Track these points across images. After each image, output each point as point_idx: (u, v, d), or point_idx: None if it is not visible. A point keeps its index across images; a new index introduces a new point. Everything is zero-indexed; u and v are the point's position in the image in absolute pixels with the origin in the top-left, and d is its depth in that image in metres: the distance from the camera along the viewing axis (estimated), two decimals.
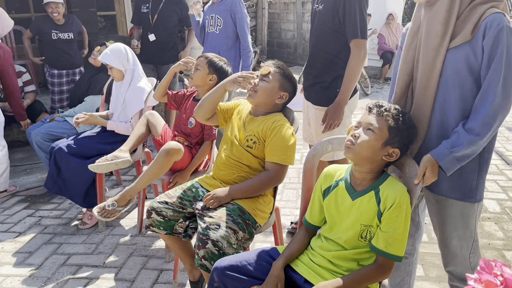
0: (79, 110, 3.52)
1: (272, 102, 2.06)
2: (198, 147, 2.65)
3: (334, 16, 2.40)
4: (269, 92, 2.03)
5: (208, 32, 3.83)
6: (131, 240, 2.88)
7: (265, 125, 2.01)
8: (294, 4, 10.62)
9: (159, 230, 2.06)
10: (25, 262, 2.65)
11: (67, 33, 4.71)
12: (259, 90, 2.03)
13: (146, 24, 4.48)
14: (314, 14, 2.57)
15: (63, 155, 2.84)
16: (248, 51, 3.78)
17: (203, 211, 1.95)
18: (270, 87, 2.03)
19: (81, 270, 2.55)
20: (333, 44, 2.46)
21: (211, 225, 1.81)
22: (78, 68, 4.90)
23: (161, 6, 4.40)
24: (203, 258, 1.76)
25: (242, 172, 2.06)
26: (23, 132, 4.88)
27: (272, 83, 2.03)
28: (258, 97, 2.04)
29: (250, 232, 1.95)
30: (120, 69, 2.93)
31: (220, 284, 1.61)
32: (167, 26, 4.47)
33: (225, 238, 1.79)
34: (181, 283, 2.37)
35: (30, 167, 4.25)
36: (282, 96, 2.06)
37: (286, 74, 2.07)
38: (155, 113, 2.70)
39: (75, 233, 2.99)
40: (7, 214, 3.29)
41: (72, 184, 2.88)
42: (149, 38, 4.44)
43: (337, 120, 2.46)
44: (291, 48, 10.63)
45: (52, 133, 3.42)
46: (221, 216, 1.87)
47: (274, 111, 2.09)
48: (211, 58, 2.62)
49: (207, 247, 1.75)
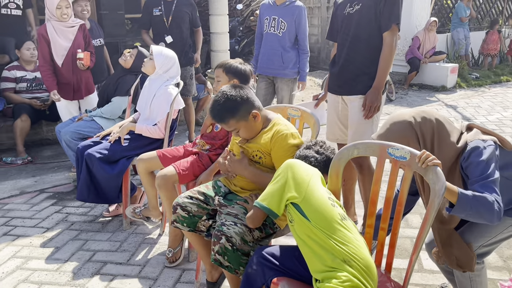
0: (106, 111, 3.59)
1: (256, 126, 2.04)
2: (219, 151, 2.69)
3: (376, 10, 2.62)
4: (246, 129, 2.02)
5: (268, 33, 3.93)
6: (154, 239, 2.93)
7: (267, 138, 2.01)
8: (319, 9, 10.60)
9: (182, 227, 2.10)
10: (52, 257, 2.72)
11: (97, 39, 4.64)
12: (242, 135, 2.04)
13: (161, 27, 4.55)
14: (347, 17, 2.73)
15: (94, 161, 2.89)
16: (307, 55, 4.01)
17: (221, 207, 2.00)
18: (243, 128, 2.00)
19: (106, 267, 2.61)
20: (374, 38, 2.67)
21: (227, 221, 1.86)
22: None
23: (173, 8, 4.49)
24: (217, 253, 1.81)
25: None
26: (51, 130, 5.03)
27: (239, 125, 1.99)
28: (248, 137, 2.06)
29: (267, 232, 1.98)
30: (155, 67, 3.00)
31: (257, 268, 1.68)
32: (182, 27, 4.57)
33: (239, 235, 1.82)
34: (203, 283, 2.39)
35: (58, 165, 4.36)
36: (254, 115, 1.99)
37: (231, 109, 1.95)
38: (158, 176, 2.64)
39: (100, 230, 3.06)
40: (35, 210, 3.39)
41: (106, 188, 2.95)
42: (166, 40, 4.51)
43: (377, 103, 2.67)
44: (315, 53, 10.59)
45: (80, 132, 3.51)
46: (237, 214, 1.92)
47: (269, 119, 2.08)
48: (225, 64, 2.62)
49: (221, 243, 1.80)
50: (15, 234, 3.00)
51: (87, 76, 4.07)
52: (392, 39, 2.64)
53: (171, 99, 2.99)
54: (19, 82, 4.66)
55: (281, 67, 3.96)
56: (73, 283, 2.46)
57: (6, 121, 4.78)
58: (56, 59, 3.81)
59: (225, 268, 1.83)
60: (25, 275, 2.53)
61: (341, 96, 2.85)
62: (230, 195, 2.13)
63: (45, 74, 3.87)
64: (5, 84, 4.63)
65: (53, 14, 3.72)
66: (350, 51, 2.76)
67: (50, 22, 3.76)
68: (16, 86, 4.65)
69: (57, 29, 3.77)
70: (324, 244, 1.51)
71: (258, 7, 7.27)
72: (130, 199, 3.10)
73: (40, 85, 4.71)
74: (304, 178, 1.64)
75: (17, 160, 4.40)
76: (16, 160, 4.39)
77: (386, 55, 2.65)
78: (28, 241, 2.92)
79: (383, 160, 1.76)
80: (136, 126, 3.00)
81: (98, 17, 5.94)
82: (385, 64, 2.66)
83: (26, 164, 4.38)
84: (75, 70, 3.90)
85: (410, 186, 1.70)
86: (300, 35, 3.96)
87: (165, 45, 4.41)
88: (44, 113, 4.67)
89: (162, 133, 3.02)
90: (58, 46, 3.80)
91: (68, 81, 3.89)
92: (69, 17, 3.79)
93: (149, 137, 3.02)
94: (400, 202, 1.72)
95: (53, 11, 3.70)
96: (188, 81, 4.64)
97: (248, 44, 7.50)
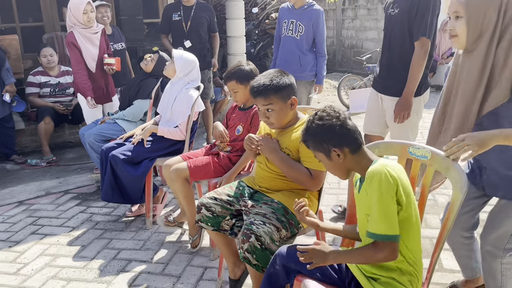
0: (128, 113, 3.69)
1: (289, 115, 2.09)
2: (240, 152, 2.75)
3: (409, 17, 2.69)
4: (281, 114, 2.05)
5: (286, 36, 4.00)
6: (176, 238, 3.00)
7: (296, 136, 2.05)
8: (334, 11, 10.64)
9: (206, 226, 2.16)
10: (79, 255, 2.81)
11: (119, 43, 4.75)
12: (272, 119, 2.06)
13: (180, 31, 4.66)
14: (389, 18, 2.85)
15: (118, 162, 2.99)
16: (324, 58, 4.07)
17: (250, 208, 2.04)
18: (278, 110, 2.04)
19: (130, 265, 2.69)
20: (406, 44, 2.75)
21: (256, 221, 1.91)
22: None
23: (192, 13, 4.60)
24: (246, 251, 1.85)
25: (281, 182, 2.14)
26: (73, 134, 5.17)
27: (276, 106, 2.03)
28: (276, 124, 2.09)
29: (292, 231, 2.02)
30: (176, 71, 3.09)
31: (280, 268, 1.70)
32: (200, 32, 4.68)
33: (268, 234, 1.87)
34: (225, 281, 2.45)
35: (80, 167, 4.48)
36: (291, 102, 2.06)
37: (277, 87, 2.01)
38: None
39: (124, 229, 3.15)
40: (61, 210, 3.50)
41: (130, 189, 3.05)
42: (185, 44, 4.62)
43: (407, 110, 2.77)
44: (330, 55, 10.62)
45: (103, 134, 3.60)
46: (266, 213, 1.96)
47: (298, 118, 2.13)
48: (237, 74, 2.60)
49: (251, 241, 1.84)
50: (42, 233, 3.11)
51: (111, 80, 4.18)
52: (421, 50, 2.68)
53: (192, 102, 3.07)
54: (43, 87, 4.80)
55: (299, 69, 4.01)
56: (99, 279, 2.54)
57: (30, 124, 4.94)
58: (89, 65, 3.92)
59: (253, 266, 1.87)
60: (53, 272, 2.62)
61: (379, 93, 2.98)
62: (257, 195, 2.16)
63: (81, 81, 3.93)
64: (30, 89, 4.78)
65: (78, 21, 3.80)
66: (386, 51, 2.88)
67: (75, 29, 3.85)
68: (40, 91, 4.80)
69: (84, 36, 3.87)
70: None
71: (274, 10, 7.34)
72: (152, 199, 3.18)
73: (63, 90, 4.85)
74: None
75: (41, 162, 4.53)
76: (40, 162, 4.53)
77: (413, 65, 2.70)
78: (55, 239, 3.02)
79: (404, 159, 1.80)
80: (159, 129, 3.08)
81: (117, 22, 6.07)
82: (413, 73, 2.71)
83: (50, 166, 4.51)
84: (103, 75, 4.01)
85: None
86: (318, 38, 4.01)
87: (184, 49, 4.49)
88: (67, 117, 4.81)
89: (184, 135, 3.10)
90: (89, 52, 3.90)
91: (99, 86, 4.01)
92: (93, 21, 3.90)
93: (170, 139, 3.10)
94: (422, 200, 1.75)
95: (79, 17, 3.78)
96: (206, 84, 4.73)
97: (264, 47, 7.56)
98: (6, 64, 4.41)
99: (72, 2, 3.79)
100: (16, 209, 3.52)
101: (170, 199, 3.62)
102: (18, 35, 5.19)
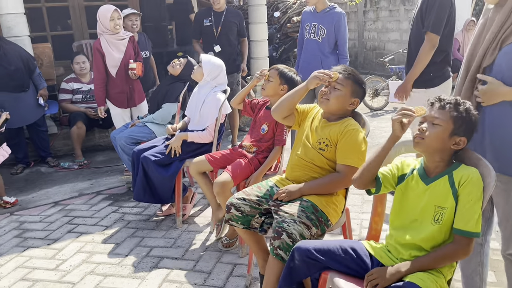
0: (157, 116, 3.81)
1: (344, 108, 2.18)
2: (265, 153, 2.83)
3: (421, 14, 2.88)
4: (341, 100, 2.14)
5: (309, 39, 4.08)
6: (205, 236, 3.09)
7: (338, 130, 2.14)
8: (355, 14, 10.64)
9: (237, 224, 2.24)
10: (113, 252, 2.93)
11: (144, 51, 4.86)
12: (332, 98, 2.14)
13: (210, 36, 4.80)
14: (413, 17, 3.06)
15: (150, 164, 3.11)
16: (347, 60, 4.10)
17: (279, 207, 2.10)
18: (342, 95, 2.14)
19: (162, 262, 2.79)
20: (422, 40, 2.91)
21: (286, 219, 1.97)
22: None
23: (222, 18, 4.74)
24: (278, 248, 1.92)
25: (315, 173, 2.20)
26: (104, 137, 5.35)
27: (344, 90, 2.13)
28: (330, 105, 2.16)
29: (322, 229, 2.07)
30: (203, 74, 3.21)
31: (300, 263, 1.75)
32: (230, 37, 4.81)
33: (299, 232, 1.93)
34: (254, 277, 2.53)
35: (111, 169, 4.64)
36: (353, 102, 2.17)
37: (357, 80, 2.17)
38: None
39: (155, 228, 3.26)
40: (94, 210, 3.64)
41: (161, 189, 3.17)
42: (215, 49, 4.75)
43: (403, 93, 3.08)
44: (352, 57, 10.57)
45: (133, 137, 3.73)
46: (295, 212, 2.01)
47: (346, 116, 2.21)
48: (282, 69, 2.78)
49: (282, 238, 1.91)
50: (78, 232, 3.25)
51: (138, 85, 4.32)
52: (426, 44, 2.87)
53: (220, 104, 3.17)
54: (75, 93, 5.00)
55: None
56: (134, 275, 2.65)
57: (62, 129, 5.14)
58: (110, 70, 4.08)
59: (285, 262, 1.93)
60: (90, 268, 2.75)
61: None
62: None
63: (97, 88, 4.11)
64: (63, 95, 4.99)
65: (106, 28, 3.97)
66: (408, 48, 3.11)
67: (103, 36, 4.02)
68: (73, 97, 5.00)
69: (110, 42, 4.03)
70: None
71: (295, 14, 7.41)
72: (182, 199, 3.29)
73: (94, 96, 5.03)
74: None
75: (73, 165, 4.71)
76: (73, 165, 4.71)
77: (418, 56, 2.92)
78: (90, 237, 3.15)
79: None
80: (189, 135, 3.18)
81: (143, 29, 6.26)
82: (416, 64, 2.93)
83: (82, 169, 4.68)
84: (127, 80, 4.15)
85: None
86: (340, 40, 4.05)
87: (214, 54, 4.62)
88: (97, 122, 4.98)
89: (212, 136, 3.20)
90: (112, 58, 4.06)
91: (122, 90, 4.15)
92: (120, 28, 4.05)
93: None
94: None
95: (106, 24, 3.94)
96: (235, 87, 4.84)
97: (286, 51, 7.64)
98: (37, 70, 4.60)
99: (101, 10, 3.96)
100: (53, 209, 3.69)
101: (199, 199, 3.73)
102: (49, 43, 5.41)
